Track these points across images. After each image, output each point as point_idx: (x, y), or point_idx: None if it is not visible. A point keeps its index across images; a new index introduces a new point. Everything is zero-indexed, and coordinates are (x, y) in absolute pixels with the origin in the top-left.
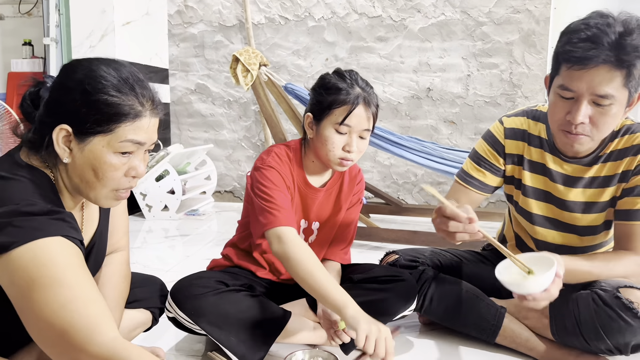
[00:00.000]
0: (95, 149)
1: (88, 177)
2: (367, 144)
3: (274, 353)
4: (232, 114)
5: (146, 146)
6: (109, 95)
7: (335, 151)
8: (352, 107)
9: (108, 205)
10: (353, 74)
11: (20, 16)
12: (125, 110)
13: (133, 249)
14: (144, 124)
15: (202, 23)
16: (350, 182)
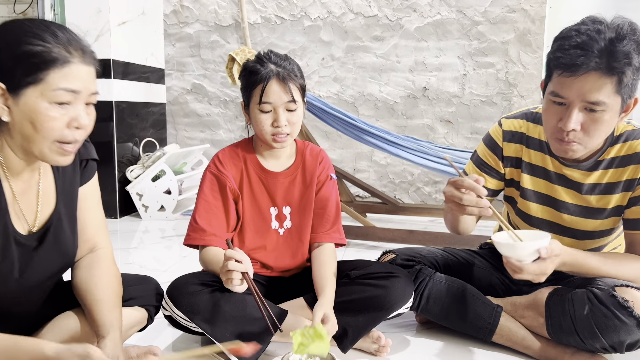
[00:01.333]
0: (30, 101)
1: (28, 131)
2: (301, 115)
3: (271, 352)
4: (229, 113)
5: (83, 95)
6: (32, 44)
7: (266, 128)
8: (265, 84)
9: (56, 162)
10: (268, 54)
11: (15, 16)
12: (50, 57)
13: (129, 249)
14: (73, 71)
15: (198, 23)
16: (312, 162)
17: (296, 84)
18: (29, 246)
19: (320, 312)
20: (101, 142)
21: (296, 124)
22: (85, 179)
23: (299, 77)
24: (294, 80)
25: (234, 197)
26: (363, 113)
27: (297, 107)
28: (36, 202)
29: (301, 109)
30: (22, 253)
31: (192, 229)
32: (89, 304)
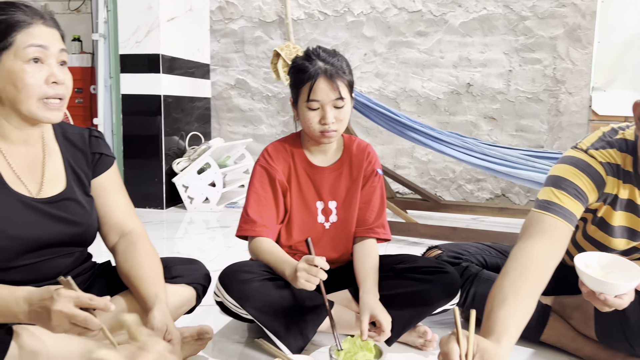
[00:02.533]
0: (7, 65)
1: (11, 93)
2: (348, 111)
3: (317, 342)
4: (271, 109)
5: (52, 52)
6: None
7: (314, 126)
8: (312, 82)
9: (46, 119)
10: (317, 50)
11: (69, 13)
12: (14, 21)
13: (175, 239)
14: (37, 30)
15: (242, 19)
16: (359, 157)
17: (344, 81)
18: (37, 208)
19: (367, 313)
20: (149, 136)
21: (343, 121)
22: (100, 171)
23: (347, 73)
24: (342, 77)
25: (282, 190)
26: (405, 109)
27: (344, 104)
28: (41, 176)
29: (349, 105)
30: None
31: (243, 221)
32: (133, 284)
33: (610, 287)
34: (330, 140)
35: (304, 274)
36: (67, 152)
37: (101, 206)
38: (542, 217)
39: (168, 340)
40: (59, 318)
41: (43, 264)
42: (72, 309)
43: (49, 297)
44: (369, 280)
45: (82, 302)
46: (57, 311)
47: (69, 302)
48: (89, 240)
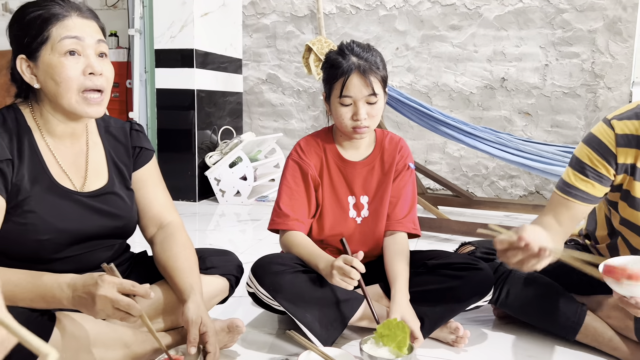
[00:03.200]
0: (45, 60)
1: (52, 88)
2: (381, 107)
3: (348, 336)
4: (301, 103)
5: (88, 43)
6: (31, 12)
7: (346, 122)
8: (345, 78)
9: (86, 114)
10: (350, 44)
11: (106, 9)
12: (48, 15)
13: (206, 231)
14: (71, 23)
15: (274, 14)
16: (391, 151)
17: (377, 77)
18: (81, 202)
19: (397, 313)
20: (183, 130)
21: (376, 117)
22: (140, 164)
23: (381, 68)
24: (375, 73)
25: (314, 185)
26: (437, 104)
27: (377, 100)
28: (85, 170)
29: (382, 100)
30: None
31: (275, 214)
32: (169, 275)
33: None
34: (362, 136)
35: (340, 273)
36: (109, 145)
37: (141, 199)
38: (554, 195)
39: (202, 332)
40: (103, 303)
41: (86, 256)
42: (116, 294)
43: (93, 283)
44: (401, 279)
45: (125, 289)
46: (102, 296)
47: (113, 288)
48: (130, 232)
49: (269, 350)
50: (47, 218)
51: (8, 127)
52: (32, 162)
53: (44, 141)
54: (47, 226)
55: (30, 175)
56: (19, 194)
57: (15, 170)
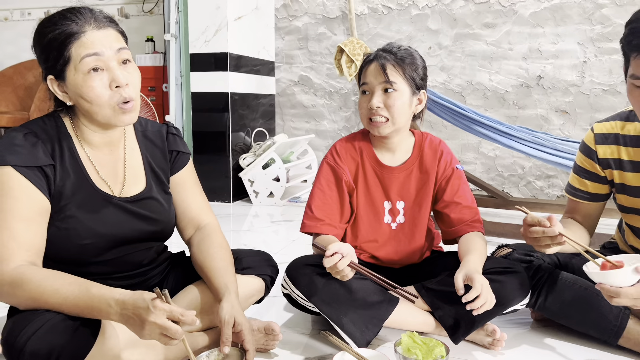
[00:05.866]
0: (72, 80)
1: (85, 105)
2: (402, 101)
3: (382, 337)
4: (333, 104)
5: (108, 55)
6: (49, 32)
7: (363, 112)
8: (365, 68)
9: (122, 122)
10: (384, 45)
11: (143, 15)
12: (64, 35)
13: (241, 231)
14: (88, 38)
15: (306, 16)
16: (431, 156)
17: (398, 69)
18: (120, 206)
19: (462, 272)
20: (217, 132)
21: (394, 108)
22: (177, 168)
23: (407, 63)
24: (395, 65)
25: (348, 190)
26: (471, 103)
27: (394, 90)
28: (123, 176)
29: (404, 95)
30: (111, 211)
31: (307, 217)
32: (206, 275)
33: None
34: (379, 129)
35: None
36: (146, 151)
37: (179, 202)
38: (567, 198)
39: (238, 331)
40: (152, 329)
41: (125, 258)
42: (166, 321)
43: (145, 307)
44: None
45: (174, 316)
46: (152, 322)
47: (163, 315)
48: (168, 235)
49: (303, 351)
50: (87, 223)
51: (49, 134)
52: (72, 168)
53: (82, 149)
54: (88, 231)
55: (71, 182)
56: (61, 200)
57: (57, 176)
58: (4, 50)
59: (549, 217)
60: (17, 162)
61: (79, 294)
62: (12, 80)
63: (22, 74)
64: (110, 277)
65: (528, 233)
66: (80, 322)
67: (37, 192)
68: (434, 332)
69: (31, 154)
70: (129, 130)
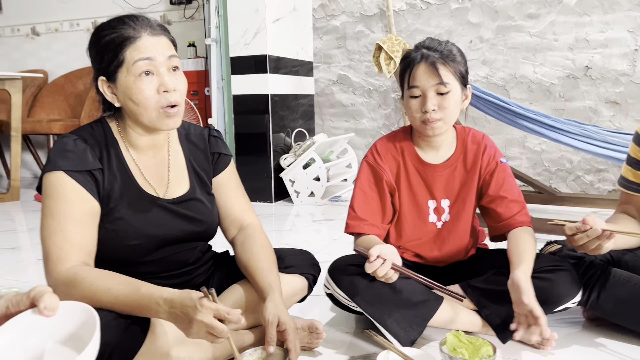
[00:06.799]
0: (123, 82)
1: (132, 107)
2: (455, 100)
3: (427, 336)
4: (372, 102)
5: (160, 61)
6: (106, 35)
7: (415, 115)
8: (411, 68)
9: (166, 126)
10: (425, 41)
11: (185, 20)
12: (121, 39)
13: (283, 231)
14: (143, 43)
15: (344, 14)
16: (475, 151)
17: (448, 67)
18: (166, 208)
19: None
20: (258, 133)
21: (448, 109)
22: (219, 170)
23: (455, 60)
24: (446, 63)
25: (390, 190)
26: (514, 96)
27: (448, 91)
28: (167, 177)
29: (456, 93)
30: (157, 213)
31: (350, 218)
32: (250, 274)
33: None
34: (434, 131)
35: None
36: (189, 153)
37: (222, 203)
38: (620, 191)
39: (282, 330)
40: (199, 327)
41: (171, 258)
42: (212, 320)
43: (192, 306)
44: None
45: (220, 315)
46: (199, 321)
47: (210, 314)
48: (211, 235)
49: (347, 350)
50: (135, 224)
51: (97, 139)
52: (119, 172)
53: (128, 153)
54: (136, 232)
55: (119, 184)
56: (110, 202)
57: (105, 180)
58: (56, 60)
59: (583, 219)
60: (68, 167)
61: (129, 293)
62: (63, 88)
63: (72, 83)
64: (157, 276)
65: (574, 242)
66: (131, 320)
67: (88, 195)
68: (480, 331)
69: (81, 158)
70: (172, 133)
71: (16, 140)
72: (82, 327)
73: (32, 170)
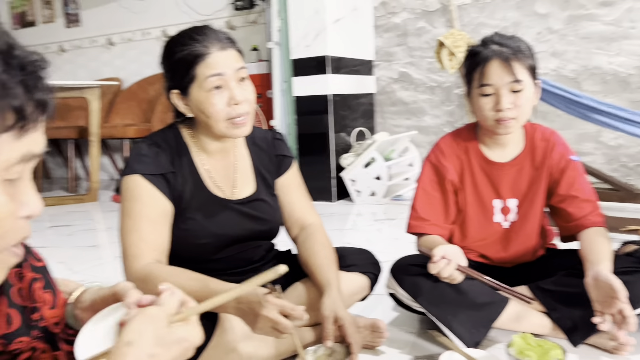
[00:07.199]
0: (195, 96)
1: (203, 119)
2: (529, 97)
3: (492, 338)
4: (435, 99)
5: (229, 75)
6: (177, 52)
7: (487, 114)
8: (483, 66)
9: (235, 135)
10: (492, 36)
11: (248, 25)
12: (192, 56)
13: (344, 230)
14: (213, 59)
15: (405, 11)
16: (544, 148)
17: (522, 63)
18: (233, 208)
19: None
20: (319, 134)
21: (522, 107)
22: (282, 171)
23: (527, 55)
24: (519, 59)
25: (453, 189)
26: (587, 89)
27: (522, 88)
28: (233, 179)
29: (529, 89)
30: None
31: (412, 217)
32: (310, 271)
33: None
34: (507, 129)
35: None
36: (255, 156)
37: (285, 203)
38: None
39: (340, 325)
40: (264, 322)
41: (238, 255)
42: (277, 316)
43: (258, 302)
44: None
45: (285, 311)
46: (265, 316)
47: (275, 310)
48: (275, 234)
49: (411, 350)
50: (204, 224)
51: (170, 144)
52: (190, 175)
53: (198, 157)
54: (205, 231)
55: (189, 187)
56: (181, 203)
57: (177, 182)
58: (129, 68)
59: None
60: (144, 170)
61: (198, 289)
62: (136, 95)
63: (144, 89)
64: (225, 273)
65: None
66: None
67: (162, 197)
68: (550, 334)
69: (155, 162)
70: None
71: (95, 145)
72: None
73: (109, 173)
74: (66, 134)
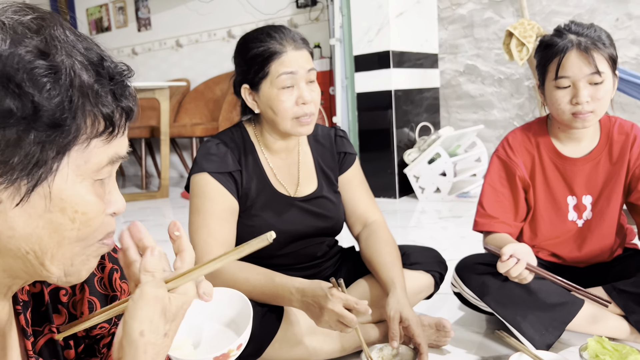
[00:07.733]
0: (265, 92)
1: (270, 115)
2: (609, 89)
3: (565, 341)
4: (503, 92)
5: (300, 75)
6: (254, 48)
7: (564, 107)
8: (561, 57)
9: (299, 133)
10: (568, 25)
11: (310, 23)
12: (268, 53)
13: (408, 227)
14: (287, 57)
15: (471, 2)
16: (623, 142)
17: (602, 53)
18: (296, 205)
19: None
20: (382, 130)
21: (602, 100)
22: (344, 169)
23: (607, 45)
24: (599, 49)
25: (523, 186)
26: None
27: (602, 80)
28: (297, 176)
29: (609, 82)
30: (289, 210)
31: (479, 215)
32: (374, 269)
33: None
34: (585, 124)
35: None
36: (317, 154)
37: (347, 200)
38: None
39: (406, 326)
40: (330, 315)
41: (302, 251)
42: (342, 309)
43: (323, 295)
44: None
45: (349, 304)
46: (330, 310)
47: (340, 303)
48: (338, 230)
49: (478, 350)
50: (269, 221)
51: (237, 143)
52: (255, 173)
53: (263, 155)
54: (270, 228)
55: (255, 185)
56: (247, 200)
57: (244, 180)
58: (197, 69)
59: None
60: (212, 169)
61: (265, 283)
62: (203, 94)
63: (211, 89)
64: (290, 268)
65: None
66: (268, 308)
67: (229, 195)
68: (628, 338)
69: (223, 161)
70: (303, 137)
71: (165, 143)
72: (239, 314)
73: (179, 170)
74: (138, 133)
